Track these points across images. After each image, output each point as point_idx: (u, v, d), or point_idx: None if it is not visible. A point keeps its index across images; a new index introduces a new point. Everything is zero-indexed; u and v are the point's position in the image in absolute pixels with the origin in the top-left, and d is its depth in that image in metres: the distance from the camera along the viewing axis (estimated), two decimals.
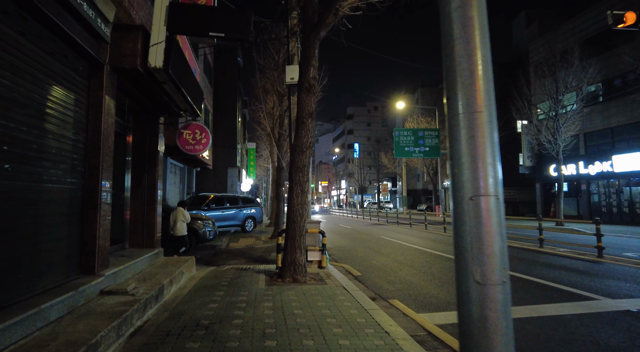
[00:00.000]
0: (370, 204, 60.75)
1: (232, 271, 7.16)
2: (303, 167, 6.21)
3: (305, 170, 6.22)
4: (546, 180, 24.91)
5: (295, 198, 6.18)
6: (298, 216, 6.14)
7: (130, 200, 6.39)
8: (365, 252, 10.55)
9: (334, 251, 10.91)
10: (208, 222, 11.83)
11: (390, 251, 10.54)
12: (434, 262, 8.65)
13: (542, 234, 10.87)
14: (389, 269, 7.90)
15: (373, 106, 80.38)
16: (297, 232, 6.11)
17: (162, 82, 4.95)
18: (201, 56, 18.40)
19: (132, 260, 5.26)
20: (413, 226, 19.76)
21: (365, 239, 14.06)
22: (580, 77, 18.22)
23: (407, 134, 29.92)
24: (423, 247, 11.18)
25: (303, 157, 6.20)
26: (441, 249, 10.84)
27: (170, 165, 17.68)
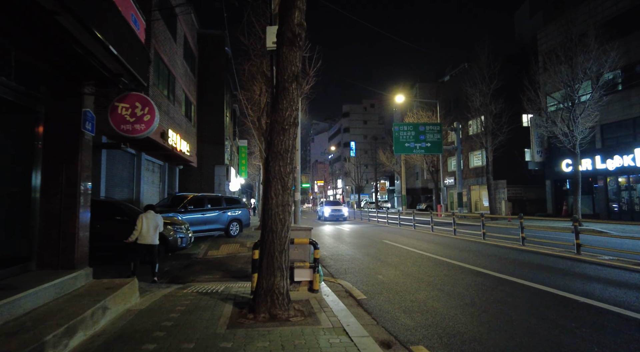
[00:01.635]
0: (367, 203, 58.98)
1: (193, 296, 5.29)
2: (285, 152, 4.35)
3: (287, 157, 4.36)
4: (557, 176, 23.21)
5: (274, 197, 4.33)
6: (278, 222, 4.29)
7: (41, 202, 4.49)
8: (368, 262, 8.71)
9: (331, 260, 9.06)
10: (180, 227, 9.96)
11: (399, 261, 8.71)
12: (458, 277, 6.82)
13: (579, 238, 9.08)
14: (402, 288, 6.06)
15: (369, 103, 78.63)
16: (275, 246, 4.25)
17: (52, 11, 3.07)
18: (181, 40, 16.48)
19: (18, 293, 3.38)
20: (417, 228, 17.96)
21: (366, 244, 12.22)
22: (601, 62, 16.48)
23: (407, 129, 28.17)
24: (437, 255, 9.35)
25: (284, 138, 4.35)
26: (459, 257, 9.02)
27: (146, 161, 15.74)
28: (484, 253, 9.56)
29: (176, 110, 15.62)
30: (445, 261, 8.50)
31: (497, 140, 24.46)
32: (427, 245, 11.47)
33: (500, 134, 24.25)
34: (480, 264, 8.04)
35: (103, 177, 11.40)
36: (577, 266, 7.66)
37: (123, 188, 13.71)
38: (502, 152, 25.56)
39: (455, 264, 8.14)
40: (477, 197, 32.68)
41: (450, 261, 8.54)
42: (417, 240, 12.92)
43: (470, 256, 9.10)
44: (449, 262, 8.39)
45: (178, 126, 15.86)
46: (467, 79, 25.88)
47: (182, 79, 16.63)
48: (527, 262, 8.16)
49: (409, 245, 11.54)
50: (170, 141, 13.70)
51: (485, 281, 6.47)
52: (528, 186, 28.51)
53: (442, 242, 12.07)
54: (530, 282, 6.27)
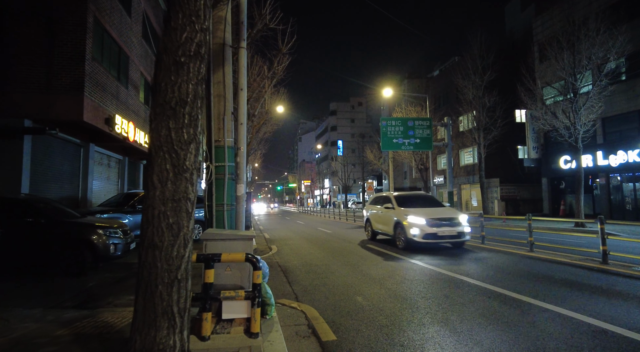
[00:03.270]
0: (354, 203, 57.33)
1: (68, 338, 3.37)
2: (179, 104, 2.45)
3: (184, 114, 2.46)
4: (555, 174, 21.80)
5: (159, 186, 2.42)
6: (164, 231, 2.39)
7: None
8: (345, 274, 6.86)
9: (300, 272, 7.18)
10: (115, 230, 7.98)
11: (384, 272, 6.89)
12: (462, 299, 5.03)
13: (606, 244, 7.40)
14: (391, 320, 4.24)
15: (357, 101, 77.12)
16: (159, 273, 2.36)
17: None
18: (138, 17, 14.39)
19: None
20: None
21: (348, 249, 10.39)
22: (607, 47, 15.01)
23: (395, 124, 26.42)
24: (431, 266, 7.56)
25: (179, 78, 2.45)
26: (460, 269, 7.25)
27: (97, 154, 13.65)
28: (488, 263, 7.81)
29: (131, 95, 13.55)
30: (444, 274, 6.71)
31: (491, 135, 22.97)
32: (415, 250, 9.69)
33: (493, 129, 22.77)
34: (488, 278, 6.28)
35: (26, 170, 9.32)
36: (614, 282, 5.95)
37: (62, 184, 11.61)
38: (495, 149, 24.11)
39: (456, 278, 6.35)
40: (468, 197, 31.24)
41: (449, 273, 6.75)
42: None
43: (473, 267, 7.33)
44: (448, 275, 6.60)
45: (134, 113, 13.79)
46: (459, 71, 24.36)
47: (140, 61, 14.54)
48: (546, 277, 6.42)
49: (394, 250, 9.73)
50: (119, 129, 11.65)
51: (501, 306, 4.69)
52: (522, 185, 27.15)
53: None
54: (563, 308, 4.51)
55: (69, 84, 9.35)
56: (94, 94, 10.13)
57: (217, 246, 3.65)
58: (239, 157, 4.52)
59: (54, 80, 9.35)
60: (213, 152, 4.54)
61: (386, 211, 11.08)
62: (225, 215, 4.44)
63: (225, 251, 3.63)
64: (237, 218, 4.44)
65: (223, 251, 3.62)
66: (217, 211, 4.43)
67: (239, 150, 4.53)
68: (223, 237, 3.67)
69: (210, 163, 4.53)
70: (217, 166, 4.52)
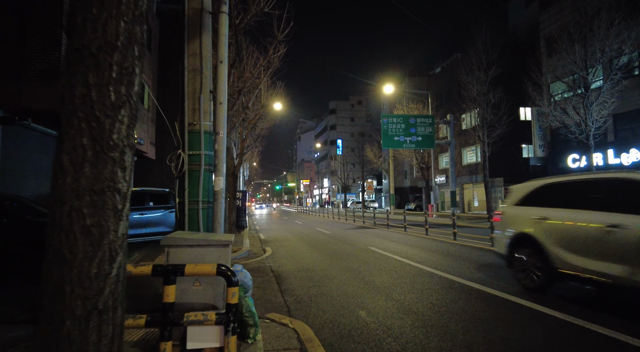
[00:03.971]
0: (354, 203, 56.56)
1: None
2: (105, 49, 1.63)
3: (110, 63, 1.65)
4: (562, 173, 21.00)
5: (69, 170, 1.61)
6: (78, 235, 1.58)
7: None
8: (346, 283, 6.07)
9: (294, 279, 6.38)
10: None
11: (390, 281, 6.10)
12: (488, 315, 4.24)
13: None
14: (402, 345, 3.44)
15: (357, 100, 76.34)
16: (68, 299, 1.55)
17: None
18: None
19: None
20: (408, 230, 15.45)
21: (348, 252, 9.60)
22: (622, 39, 14.25)
23: (396, 122, 25.66)
24: (442, 272, 6.78)
25: (108, 4, 1.63)
26: (475, 276, 6.46)
27: None
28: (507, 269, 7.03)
29: None
30: (457, 282, 5.92)
31: (495, 133, 22.17)
32: (425, 254, 8.90)
33: (498, 126, 21.97)
34: (511, 290, 5.49)
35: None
36: None
37: (42, 181, 10.79)
38: (499, 147, 23.32)
39: (473, 287, 5.56)
40: (470, 197, 30.47)
41: (464, 281, 5.96)
42: (412, 247, 10.37)
43: (490, 275, 6.55)
44: (463, 284, 5.81)
45: None
46: (463, 66, 23.57)
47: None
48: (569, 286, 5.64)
49: (402, 254, 8.95)
50: None
51: (538, 326, 3.90)
52: None
53: (443, 251, 9.52)
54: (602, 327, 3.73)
55: (43, 71, 8.54)
56: None
57: (183, 254, 2.85)
58: (217, 143, 3.72)
59: (27, 66, 8.53)
60: (186, 137, 3.74)
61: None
62: (201, 215, 3.65)
63: (193, 260, 2.84)
64: (215, 218, 3.64)
65: (191, 260, 2.83)
66: (191, 209, 3.64)
67: (218, 135, 3.74)
68: (191, 243, 2.87)
69: (183, 151, 3.73)
70: (191, 155, 3.72)
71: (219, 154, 3.72)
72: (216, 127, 3.77)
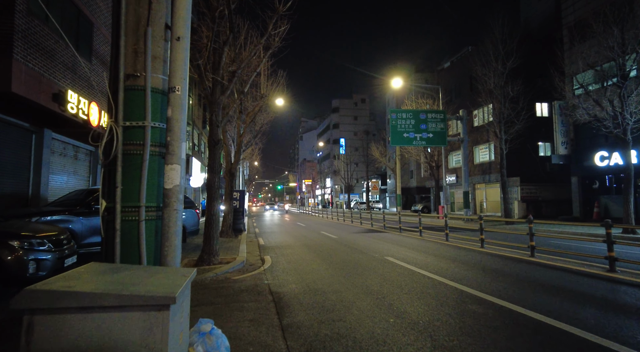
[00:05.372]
0: (357, 203, 54.97)
1: None
2: None
3: None
4: (587, 172, 19.38)
5: None
6: None
7: None
8: (369, 314, 4.49)
9: (300, 306, 4.80)
10: (40, 241, 5.69)
11: (428, 311, 4.52)
12: None
13: None
14: None
15: (360, 98, 74.73)
16: None
17: None
18: None
19: None
20: (424, 234, 13.86)
21: (362, 264, 8.03)
22: None
23: (406, 117, 24.00)
24: (498, 299, 5.19)
25: None
26: (564, 308, 4.87)
27: (57, 142, 11.34)
28: (573, 289, 5.44)
29: (96, 70, 11.21)
30: (538, 321, 4.33)
31: (514, 129, 20.54)
32: (459, 269, 7.32)
33: (517, 122, 20.35)
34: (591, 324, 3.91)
35: None
36: None
37: (3, 178, 9.27)
38: (517, 144, 21.70)
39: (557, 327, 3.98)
40: (482, 197, 28.84)
41: (551, 321, 4.38)
42: (437, 257, 8.79)
43: (597, 313, 4.96)
44: (552, 325, 4.23)
45: (100, 93, 11.45)
46: (478, 58, 21.96)
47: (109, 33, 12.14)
48: None
49: (429, 268, 7.37)
50: (74, 109, 9.30)
51: None
52: (544, 185, 24.76)
53: (477, 263, 7.94)
54: None
55: None
56: (32, 59, 7.78)
57: (70, 328, 1.28)
58: (172, 107, 2.16)
59: None
60: (121, 98, 2.17)
61: None
62: (143, 231, 2.07)
63: (90, 342, 1.26)
64: (166, 237, 2.06)
65: (85, 343, 1.25)
66: (126, 222, 2.06)
67: (174, 93, 2.17)
68: (87, 303, 1.30)
69: (115, 122, 2.16)
70: (129, 129, 2.16)
71: (174, 126, 2.16)
72: (171, 78, 2.21)
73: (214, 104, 8.31)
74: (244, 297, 5.45)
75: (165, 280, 1.55)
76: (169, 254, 1.96)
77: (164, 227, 2.01)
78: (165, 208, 2.02)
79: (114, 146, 2.15)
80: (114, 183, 2.13)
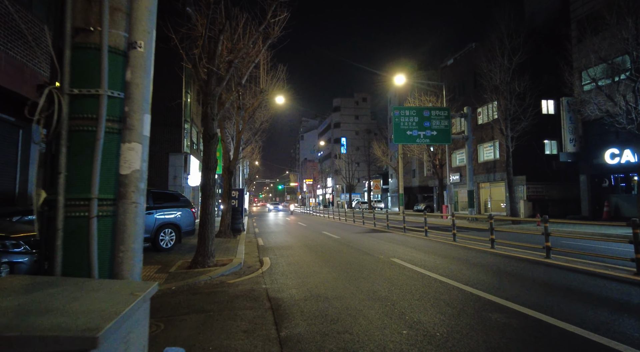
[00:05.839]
0: (359, 203, 54.42)
1: None
2: None
3: None
4: (597, 170, 18.83)
5: None
6: None
7: None
8: (378, 324, 3.98)
9: (300, 315, 4.29)
10: (15, 243, 5.23)
11: (444, 320, 4.01)
12: None
13: None
14: None
15: (362, 97, 74.16)
16: None
17: None
18: None
19: None
20: (430, 235, 13.34)
21: (368, 266, 7.52)
22: None
23: (409, 115, 23.45)
24: (519, 305, 4.67)
25: None
26: (588, 315, 4.37)
27: None
28: (602, 294, 4.92)
29: None
30: (573, 334, 3.82)
31: (520, 126, 19.99)
32: (471, 272, 6.81)
33: (523, 119, 19.80)
34: None
35: None
36: None
37: None
38: (523, 142, 21.15)
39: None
40: (487, 196, 28.28)
41: (579, 331, 3.86)
42: (446, 259, 8.27)
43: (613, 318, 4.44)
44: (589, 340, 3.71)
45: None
46: (484, 53, 21.45)
47: None
48: None
49: (440, 271, 6.85)
50: None
51: None
52: (550, 184, 24.18)
53: (490, 265, 7.43)
54: None
55: None
56: (11, 46, 7.29)
57: None
58: (131, 69, 1.64)
59: None
60: (67, 59, 1.66)
61: None
62: (95, 231, 1.56)
63: None
64: (122, 239, 1.54)
65: None
66: (72, 218, 1.55)
67: (136, 49, 1.65)
68: None
69: (59, 91, 1.65)
70: (78, 97, 1.64)
71: (134, 93, 1.63)
72: (132, 31, 1.68)
73: (208, 95, 7.80)
74: (239, 304, 4.95)
75: (103, 302, 1.06)
76: (124, 262, 1.46)
77: (119, 225, 1.51)
78: (121, 200, 1.52)
79: (58, 121, 1.65)
80: (56, 168, 1.62)
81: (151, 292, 1.26)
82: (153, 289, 1.27)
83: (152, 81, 1.76)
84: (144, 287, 1.24)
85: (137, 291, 1.19)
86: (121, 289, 1.19)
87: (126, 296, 1.12)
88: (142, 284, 1.30)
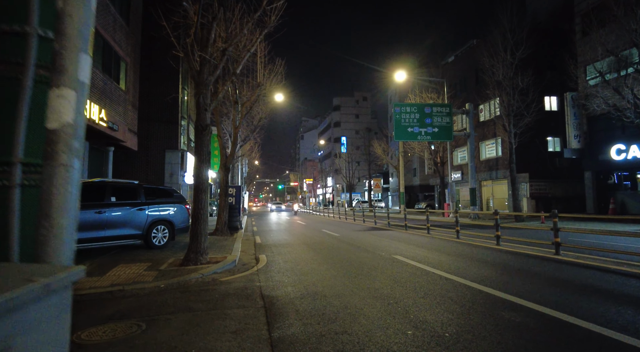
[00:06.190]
0: (359, 202, 54.01)
1: None
2: None
3: None
4: (602, 166, 18.44)
5: None
6: None
7: None
8: (381, 324, 3.61)
9: (295, 315, 3.92)
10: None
11: (453, 319, 3.64)
12: None
13: None
14: None
15: (362, 96, 73.74)
16: None
17: None
18: None
19: None
20: (432, 232, 12.95)
21: (368, 263, 7.15)
22: None
23: (410, 111, 23.12)
24: (532, 303, 4.29)
25: None
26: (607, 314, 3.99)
27: None
28: (622, 292, 4.55)
29: None
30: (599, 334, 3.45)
31: (523, 122, 19.59)
32: (477, 269, 6.43)
33: (527, 115, 19.40)
34: None
35: None
36: None
37: None
38: (526, 139, 20.74)
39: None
40: (489, 194, 27.88)
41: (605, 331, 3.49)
42: (450, 256, 7.90)
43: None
44: (618, 341, 3.34)
45: None
46: (486, 49, 21.05)
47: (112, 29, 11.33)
48: None
49: (444, 268, 6.47)
50: None
51: None
52: (553, 181, 23.78)
53: (497, 262, 7.05)
54: None
55: None
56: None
57: None
58: None
59: None
60: None
61: None
62: (17, 203, 1.19)
63: None
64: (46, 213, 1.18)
65: None
66: None
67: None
68: None
69: None
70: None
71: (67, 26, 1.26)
72: None
73: (201, 84, 7.44)
74: (229, 303, 4.58)
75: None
76: (48, 242, 1.10)
77: (44, 194, 1.15)
78: (47, 162, 1.15)
79: None
80: None
81: (67, 279, 0.89)
82: (71, 274, 0.91)
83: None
84: (55, 270, 0.88)
85: (40, 275, 0.83)
86: (12, 274, 0.83)
87: (16, 282, 0.76)
88: (56, 268, 0.94)
